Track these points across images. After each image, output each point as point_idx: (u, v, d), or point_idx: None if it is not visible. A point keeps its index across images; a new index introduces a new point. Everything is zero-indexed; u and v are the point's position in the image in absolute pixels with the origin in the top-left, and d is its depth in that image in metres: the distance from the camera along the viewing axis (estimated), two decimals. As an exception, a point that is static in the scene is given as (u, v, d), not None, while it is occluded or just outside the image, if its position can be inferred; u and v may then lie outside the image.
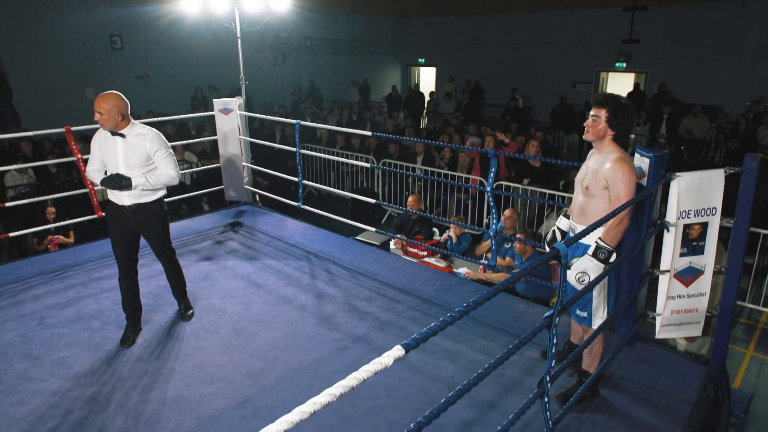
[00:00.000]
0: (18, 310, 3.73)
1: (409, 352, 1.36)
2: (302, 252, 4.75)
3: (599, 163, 2.45)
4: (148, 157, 3.15)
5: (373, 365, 1.25)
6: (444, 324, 1.38)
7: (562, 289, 1.74)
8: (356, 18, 17.09)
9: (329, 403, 1.19)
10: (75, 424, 2.60)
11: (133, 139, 3.13)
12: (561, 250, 1.66)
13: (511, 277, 1.71)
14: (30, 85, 10.89)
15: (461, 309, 1.43)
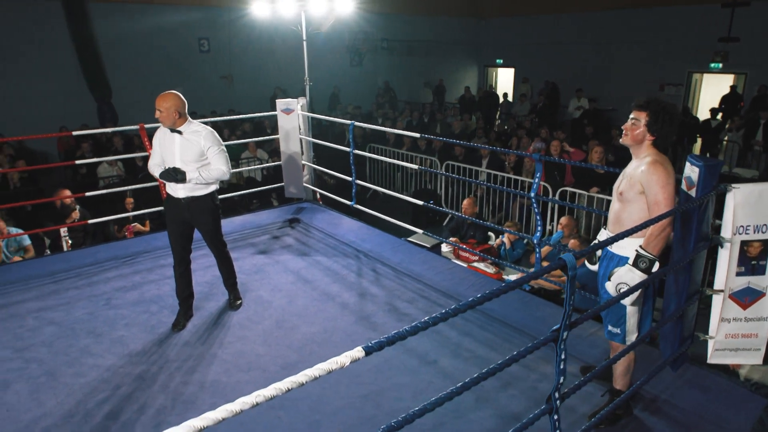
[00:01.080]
0: (90, 290, 4.10)
1: (371, 354, 1.35)
2: (352, 250, 4.84)
3: (634, 167, 2.32)
4: (201, 153, 3.36)
5: (328, 364, 1.27)
6: (415, 329, 1.36)
7: (571, 304, 1.66)
8: (433, 19, 17.06)
9: (273, 397, 1.20)
10: (121, 399, 2.82)
11: (189, 135, 3.34)
12: (568, 261, 1.60)
13: (523, 278, 1.66)
14: (127, 85, 11.85)
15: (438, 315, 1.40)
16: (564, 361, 1.75)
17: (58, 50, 11.40)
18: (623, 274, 2.25)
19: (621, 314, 2.42)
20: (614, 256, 2.40)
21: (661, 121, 2.25)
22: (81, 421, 2.67)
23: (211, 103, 12.96)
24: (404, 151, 9.48)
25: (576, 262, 1.62)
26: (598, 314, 2.60)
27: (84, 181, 8.27)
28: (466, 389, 1.47)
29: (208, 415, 1.05)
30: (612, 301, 1.86)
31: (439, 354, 3.23)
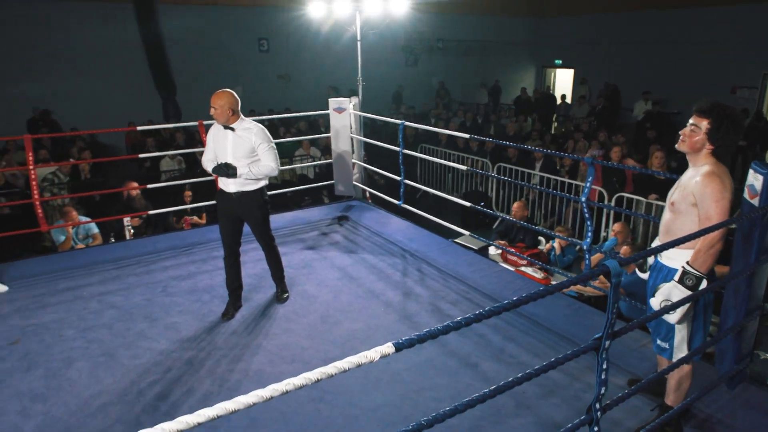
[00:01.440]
0: (148, 278, 4.32)
1: (401, 351, 1.36)
2: (399, 250, 4.86)
3: (689, 177, 2.21)
4: (252, 149, 3.47)
5: (357, 357, 1.28)
6: (447, 328, 1.36)
7: (614, 312, 1.61)
8: (490, 18, 16.82)
9: (303, 386, 1.23)
10: (170, 382, 2.96)
11: (241, 132, 3.46)
12: (612, 267, 1.55)
13: (564, 282, 1.62)
14: (190, 83, 12.36)
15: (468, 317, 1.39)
16: (605, 371, 1.70)
17: (129, 50, 12.02)
18: (668, 290, 2.15)
19: (670, 328, 2.31)
20: (663, 267, 2.30)
21: (724, 129, 2.12)
22: (134, 400, 2.82)
23: (269, 102, 13.32)
24: (455, 152, 9.41)
25: (620, 269, 1.57)
26: (646, 325, 2.51)
27: (148, 174, 8.70)
28: (500, 392, 1.45)
29: (240, 399, 1.09)
30: (654, 315, 1.78)
31: (480, 357, 3.19)
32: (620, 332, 1.70)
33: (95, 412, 2.74)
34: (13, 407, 2.78)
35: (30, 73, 11.25)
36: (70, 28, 11.54)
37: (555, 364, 1.58)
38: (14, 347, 3.32)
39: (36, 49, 11.27)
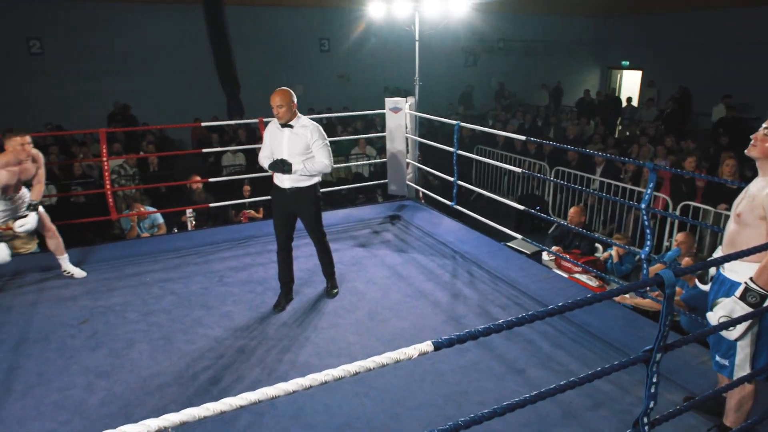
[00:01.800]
0: (207, 267, 4.51)
1: (440, 350, 1.36)
2: (450, 251, 4.83)
3: (760, 187, 2.07)
4: (307, 146, 3.55)
5: (396, 353, 1.30)
6: (488, 330, 1.35)
7: (667, 324, 1.55)
8: (554, 18, 16.40)
9: (341, 377, 1.25)
10: (221, 368, 3.09)
11: (298, 130, 3.55)
12: (666, 277, 1.49)
13: (614, 290, 1.58)
14: (253, 82, 12.77)
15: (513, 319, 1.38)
16: (655, 385, 1.63)
17: (197, 49, 12.57)
18: (728, 306, 2.03)
19: (731, 345, 2.19)
20: (726, 280, 2.18)
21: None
22: (188, 383, 2.96)
23: (328, 101, 13.55)
24: (512, 155, 9.25)
25: (674, 280, 1.50)
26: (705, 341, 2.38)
27: (210, 168, 9.06)
28: (541, 398, 1.43)
29: (281, 386, 1.14)
30: (711, 330, 1.69)
31: (528, 363, 3.14)
32: (673, 345, 1.63)
33: (152, 392, 2.90)
34: (80, 382, 2.98)
35: (110, 71, 11.99)
36: (146, 28, 12.20)
37: (601, 373, 1.54)
38: (83, 326, 3.56)
39: (115, 48, 11.99)
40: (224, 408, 1.12)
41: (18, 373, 3.06)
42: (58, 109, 11.49)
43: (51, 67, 11.61)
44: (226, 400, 1.15)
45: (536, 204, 7.79)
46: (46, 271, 4.37)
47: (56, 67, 11.63)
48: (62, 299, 3.93)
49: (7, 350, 3.28)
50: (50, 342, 3.38)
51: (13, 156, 3.78)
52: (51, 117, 11.03)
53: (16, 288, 4.12)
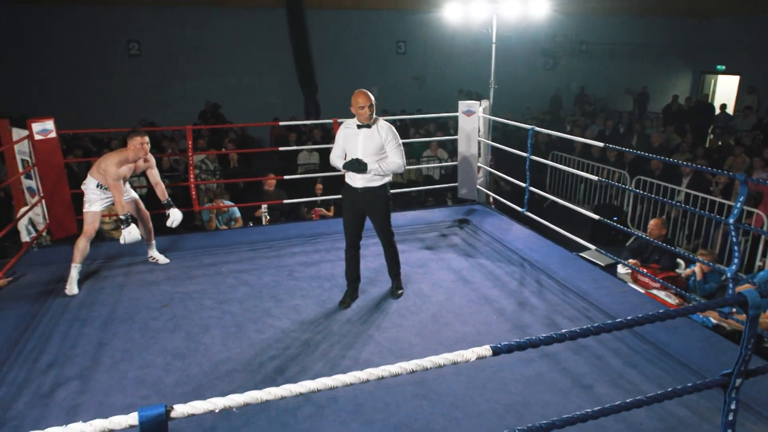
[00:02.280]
0: (278, 261, 4.68)
1: (498, 355, 1.34)
2: (518, 258, 4.73)
3: None
4: (381, 146, 3.61)
5: (453, 355, 1.29)
6: (549, 339, 1.31)
7: (749, 348, 1.44)
8: (641, 20, 15.58)
9: (398, 374, 1.27)
10: (287, 359, 3.20)
11: (373, 130, 3.61)
12: (749, 297, 1.39)
13: (686, 308, 1.49)
14: (330, 83, 13.10)
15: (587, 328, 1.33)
16: (733, 413, 1.52)
17: (279, 51, 13.08)
18: None
19: None
20: None
21: None
22: (255, 370, 3.09)
23: (402, 103, 13.65)
24: (590, 162, 8.89)
25: (760, 300, 1.40)
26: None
27: (286, 166, 9.38)
28: (605, 414, 1.38)
29: (339, 377, 1.17)
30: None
31: (596, 380, 3.01)
32: (756, 372, 1.52)
33: (222, 376, 3.06)
34: (159, 362, 3.19)
35: (199, 71, 12.73)
36: (233, 31, 12.84)
37: (672, 394, 1.46)
38: (164, 310, 3.81)
39: (204, 50, 12.71)
40: (284, 393, 1.16)
41: (106, 348, 3.33)
42: (152, 106, 12.34)
43: (147, 67, 12.49)
44: (287, 386, 1.20)
45: (614, 214, 7.44)
46: (134, 256, 4.71)
47: (152, 68, 12.50)
48: (147, 283, 4.23)
49: (97, 327, 3.58)
50: (134, 322, 3.64)
51: (133, 153, 4.11)
52: (145, 114, 11.86)
53: (107, 270, 4.47)
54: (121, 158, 4.05)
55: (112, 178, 3.95)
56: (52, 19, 11.65)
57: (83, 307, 3.85)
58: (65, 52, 11.88)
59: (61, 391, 2.92)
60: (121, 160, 4.04)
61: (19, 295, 4.01)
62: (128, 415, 1.23)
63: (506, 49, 12.89)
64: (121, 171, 4.06)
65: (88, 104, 11.92)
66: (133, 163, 4.17)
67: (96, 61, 12.15)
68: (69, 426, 1.21)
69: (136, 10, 12.13)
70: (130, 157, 4.10)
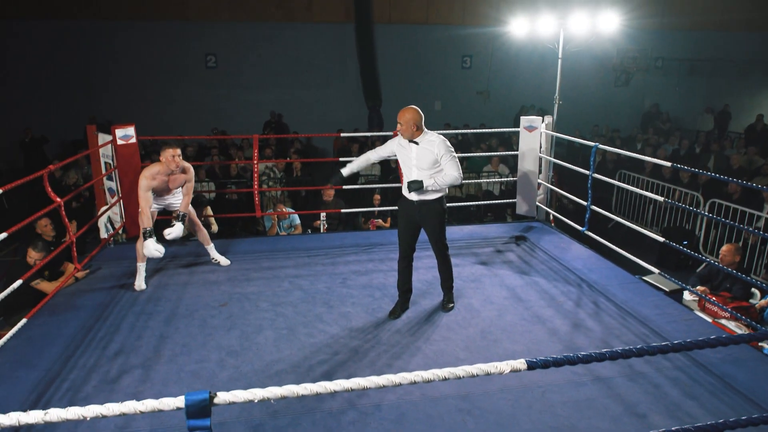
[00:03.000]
0: (333, 269, 4.78)
1: (533, 369, 1.32)
2: (576, 278, 4.59)
3: None
4: (435, 160, 3.63)
5: (488, 366, 1.31)
6: (588, 358, 1.28)
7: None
8: (722, 35, 14.77)
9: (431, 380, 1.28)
10: (335, 364, 3.26)
11: (425, 145, 3.64)
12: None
13: (745, 335, 1.42)
14: (395, 95, 13.27)
15: (656, 346, 1.29)
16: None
17: (345, 64, 13.41)
18: None
19: None
20: None
21: None
22: (304, 373, 3.18)
23: (465, 117, 13.61)
24: (661, 182, 8.49)
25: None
26: None
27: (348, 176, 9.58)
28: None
29: (373, 379, 1.20)
30: None
31: (651, 409, 2.87)
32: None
33: (272, 375, 3.16)
34: (214, 357, 3.35)
35: (268, 83, 13.28)
36: (302, 44, 13.31)
37: (734, 425, 1.39)
38: (222, 309, 3.99)
39: (272, 64, 13.25)
40: (319, 390, 1.22)
41: (167, 342, 3.53)
42: (224, 116, 12.98)
43: (222, 79, 13.17)
44: (322, 383, 1.25)
45: (684, 238, 7.06)
46: (198, 256, 4.96)
47: (226, 80, 13.17)
48: (208, 283, 4.44)
49: (161, 321, 3.80)
50: (194, 318, 3.84)
51: (165, 166, 4.24)
52: (217, 123, 12.49)
53: (173, 269, 4.74)
54: (153, 171, 4.21)
55: (142, 189, 4.13)
56: (139, 34, 12.54)
57: (150, 301, 4.11)
58: (149, 65, 12.75)
59: (126, 378, 3.12)
60: (153, 174, 4.20)
61: (94, 287, 4.33)
62: (177, 398, 1.32)
63: (575, 64, 12.64)
64: (152, 183, 4.20)
65: (169, 113, 12.70)
66: (167, 176, 4.30)
67: (178, 74, 12.95)
68: (125, 403, 1.31)
69: (215, 25, 12.84)
70: (162, 170, 4.24)
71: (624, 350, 1.27)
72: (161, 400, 1.34)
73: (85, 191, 7.32)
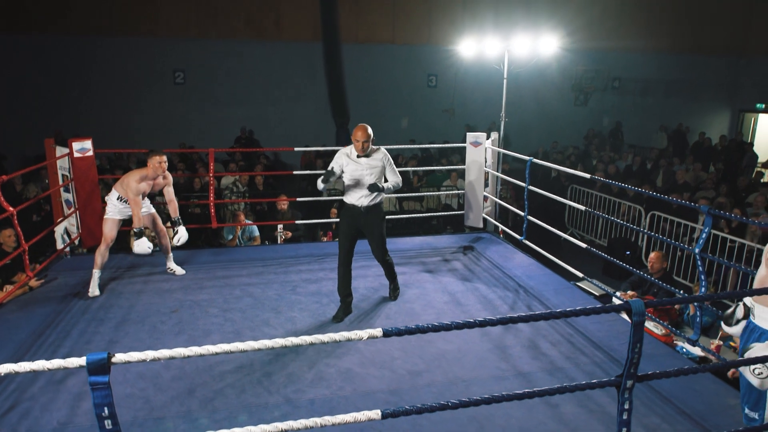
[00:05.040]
0: (285, 277, 4.97)
1: (388, 337, 1.56)
2: (514, 284, 4.87)
3: None
4: (383, 169, 4.12)
5: (348, 333, 1.52)
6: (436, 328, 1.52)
7: (636, 351, 1.61)
8: (677, 57, 15.56)
9: (300, 344, 1.50)
10: (277, 364, 3.45)
11: (375, 156, 4.10)
12: (633, 306, 1.57)
13: (579, 310, 1.67)
14: (362, 112, 13.57)
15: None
16: (627, 412, 1.68)
17: (314, 83, 13.71)
18: (758, 352, 1.98)
19: (760, 396, 2.10)
20: (756, 328, 2.12)
21: None
22: (246, 373, 3.35)
23: (431, 134, 13.98)
24: (609, 197, 8.93)
25: (642, 309, 1.58)
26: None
27: (313, 190, 9.78)
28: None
29: (251, 344, 1.42)
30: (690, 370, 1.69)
31: (563, 399, 3.13)
32: (651, 377, 1.68)
33: (215, 375, 3.33)
34: (160, 359, 3.50)
35: (237, 99, 13.48)
36: (271, 61, 13.58)
37: (563, 389, 1.64)
38: (173, 315, 4.14)
39: (242, 80, 13.48)
40: (217, 350, 1.41)
41: (115, 346, 3.67)
42: (194, 131, 13.10)
43: (190, 95, 13.33)
44: (207, 346, 1.46)
45: (627, 248, 7.46)
46: (155, 267, 5.10)
47: (194, 95, 13.33)
48: (161, 291, 4.59)
49: (111, 327, 3.94)
50: (144, 324, 3.99)
51: (152, 171, 4.56)
52: (186, 138, 12.60)
53: (129, 278, 4.87)
54: (142, 175, 4.49)
55: (133, 193, 4.37)
56: (108, 49, 12.65)
57: (102, 308, 4.24)
58: (118, 79, 12.84)
59: (71, 379, 3.26)
60: (141, 177, 4.47)
61: (47, 296, 4.44)
62: (80, 358, 1.53)
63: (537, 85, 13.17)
64: (141, 187, 4.48)
65: (137, 128, 12.78)
66: (152, 180, 4.58)
67: (146, 89, 13.07)
68: (35, 362, 1.52)
69: (184, 41, 13.03)
70: (149, 175, 4.53)
71: (500, 318, 1.52)
72: (67, 359, 1.56)
73: (46, 205, 7.37)
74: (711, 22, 15.62)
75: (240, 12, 13.42)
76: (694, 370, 1.81)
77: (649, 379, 1.68)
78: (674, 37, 15.47)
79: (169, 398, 3.12)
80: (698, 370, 1.81)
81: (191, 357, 1.65)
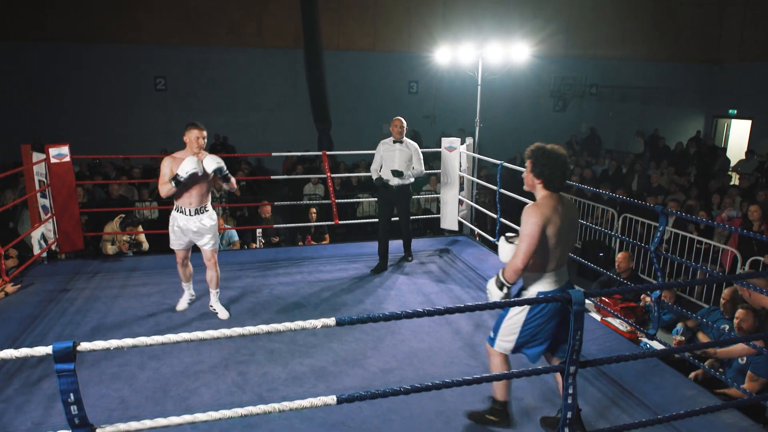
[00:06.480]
0: (263, 281, 5.05)
1: (342, 326, 1.65)
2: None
3: None
4: (410, 157, 5.20)
5: (302, 323, 1.62)
6: (388, 317, 1.62)
7: (577, 339, 1.72)
8: (653, 65, 15.94)
9: (251, 334, 1.59)
10: (252, 364, 3.50)
11: (405, 146, 5.20)
12: (574, 297, 1.69)
13: (512, 301, 1.79)
14: (344, 118, 13.70)
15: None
16: (572, 396, 1.80)
17: (296, 89, 13.81)
18: (489, 285, 2.68)
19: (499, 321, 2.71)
20: None
21: (540, 165, 2.55)
22: (221, 372, 3.41)
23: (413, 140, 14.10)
24: (584, 200, 9.14)
25: (582, 298, 1.69)
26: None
27: (294, 197, 9.85)
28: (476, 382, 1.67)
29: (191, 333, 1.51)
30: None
31: (527, 393, 3.25)
32: (594, 362, 1.80)
33: (190, 375, 3.39)
34: (136, 360, 3.55)
35: (219, 106, 13.52)
36: (252, 68, 13.65)
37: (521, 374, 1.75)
38: (149, 318, 4.19)
39: (224, 87, 13.53)
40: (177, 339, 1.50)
41: (92, 348, 3.70)
42: (173, 138, 13.06)
43: (171, 101, 13.32)
44: (169, 335, 1.54)
45: (600, 251, 7.64)
46: (132, 271, 5.14)
47: (175, 102, 13.34)
48: (139, 295, 4.64)
49: (87, 330, 3.98)
50: (121, 327, 4.03)
51: (189, 149, 4.06)
52: (167, 144, 12.56)
53: (107, 282, 4.91)
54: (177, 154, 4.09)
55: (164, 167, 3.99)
56: (89, 56, 12.62)
57: (79, 313, 4.27)
58: (99, 86, 12.80)
59: (46, 381, 3.29)
60: (176, 155, 4.08)
61: (24, 300, 4.45)
62: (47, 347, 1.61)
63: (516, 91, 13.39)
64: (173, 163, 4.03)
65: (118, 134, 12.74)
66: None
67: (126, 95, 13.04)
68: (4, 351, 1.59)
69: (166, 48, 13.04)
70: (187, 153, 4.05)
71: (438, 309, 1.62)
72: (35, 348, 1.64)
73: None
74: (686, 32, 16.04)
75: (222, 19, 13.48)
76: (634, 356, 1.94)
77: (592, 365, 1.79)
78: (650, 46, 15.85)
79: (143, 398, 3.18)
80: (638, 356, 1.94)
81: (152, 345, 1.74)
